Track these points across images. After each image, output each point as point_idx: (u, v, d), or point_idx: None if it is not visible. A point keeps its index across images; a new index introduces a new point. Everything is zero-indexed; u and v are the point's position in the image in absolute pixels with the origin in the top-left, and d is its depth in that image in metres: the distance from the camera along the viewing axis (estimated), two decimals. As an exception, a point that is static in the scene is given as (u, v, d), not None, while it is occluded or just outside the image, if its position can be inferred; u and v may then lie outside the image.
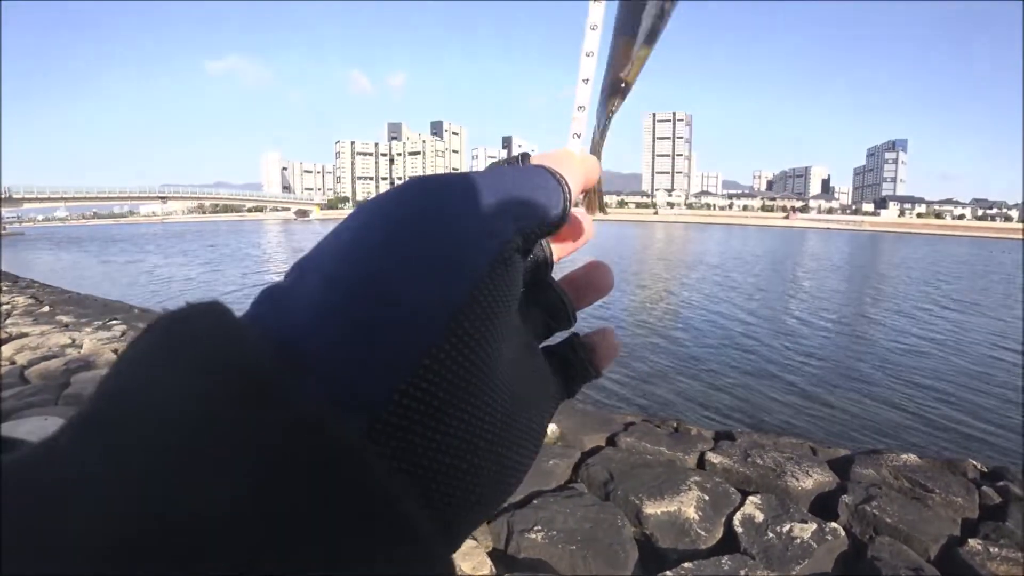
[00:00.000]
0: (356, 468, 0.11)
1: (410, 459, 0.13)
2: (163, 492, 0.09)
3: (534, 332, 0.21)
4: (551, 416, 0.20)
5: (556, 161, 0.19)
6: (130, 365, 0.11)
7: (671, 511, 2.20)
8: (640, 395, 4.84)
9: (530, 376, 0.18)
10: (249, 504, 0.09)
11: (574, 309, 0.22)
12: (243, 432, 0.10)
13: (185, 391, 0.10)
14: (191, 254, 23.40)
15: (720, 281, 14.22)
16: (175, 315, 0.12)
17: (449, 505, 0.13)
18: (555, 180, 0.18)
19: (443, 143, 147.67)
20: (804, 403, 4.78)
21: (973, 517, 2.31)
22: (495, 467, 0.15)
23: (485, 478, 0.14)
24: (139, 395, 0.11)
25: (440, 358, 0.13)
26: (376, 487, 0.11)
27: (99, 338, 5.29)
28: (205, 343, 0.11)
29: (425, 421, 0.13)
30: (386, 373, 0.12)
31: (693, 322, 8.48)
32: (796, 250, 30.06)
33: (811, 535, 2.04)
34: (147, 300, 9.91)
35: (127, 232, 53.88)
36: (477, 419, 0.14)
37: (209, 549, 0.09)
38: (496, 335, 0.15)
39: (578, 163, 0.20)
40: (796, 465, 2.59)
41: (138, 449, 0.10)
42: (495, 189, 0.16)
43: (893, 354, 6.76)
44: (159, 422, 0.10)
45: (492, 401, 0.15)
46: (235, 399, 0.10)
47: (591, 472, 2.53)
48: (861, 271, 19.38)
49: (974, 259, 27.64)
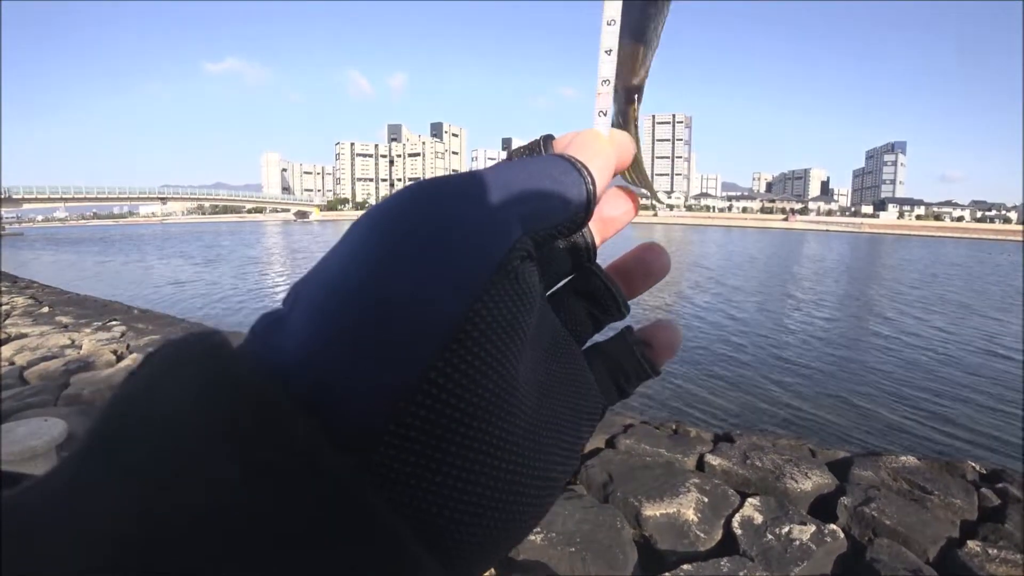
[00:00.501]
0: (353, 504, 0.10)
1: (411, 494, 0.12)
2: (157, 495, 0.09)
3: (578, 329, 0.19)
4: (592, 428, 0.18)
5: (581, 146, 0.17)
6: (130, 391, 0.11)
7: (670, 513, 2.20)
8: (639, 397, 4.84)
9: (561, 387, 0.17)
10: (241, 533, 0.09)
11: (624, 298, 0.20)
12: (234, 464, 0.10)
13: (176, 419, 0.10)
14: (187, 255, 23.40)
15: (719, 282, 14.23)
16: (174, 343, 0.12)
17: (457, 543, 0.12)
18: (576, 171, 0.16)
19: (443, 144, 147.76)
20: (803, 405, 4.78)
21: (972, 519, 2.31)
22: (512, 498, 0.13)
23: (500, 511, 0.13)
24: (135, 417, 0.11)
25: (438, 383, 0.12)
26: (375, 524, 0.10)
27: (98, 339, 5.29)
28: (200, 372, 0.11)
29: (426, 452, 0.12)
30: (379, 403, 0.12)
31: (692, 324, 8.48)
32: (795, 252, 30.10)
33: (810, 537, 2.04)
34: (148, 302, 9.92)
35: (127, 233, 53.85)
36: (487, 446, 0.13)
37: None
38: (507, 352, 0.13)
39: (606, 145, 0.18)
40: (795, 467, 2.60)
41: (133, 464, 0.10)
42: (502, 189, 0.14)
43: (891, 356, 6.77)
44: (152, 443, 0.10)
45: (505, 425, 0.13)
46: (225, 431, 0.10)
47: (590, 474, 2.54)
48: (859, 273, 19.40)
49: (971, 261, 27.67)
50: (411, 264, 0.12)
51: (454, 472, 0.12)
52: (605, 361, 0.19)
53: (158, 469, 0.10)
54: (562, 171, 0.16)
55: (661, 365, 0.20)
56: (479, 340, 0.13)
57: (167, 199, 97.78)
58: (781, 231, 70.93)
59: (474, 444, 0.12)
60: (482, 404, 0.13)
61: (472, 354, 0.12)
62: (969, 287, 15.38)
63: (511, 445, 0.13)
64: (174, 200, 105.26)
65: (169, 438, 0.10)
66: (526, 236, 0.14)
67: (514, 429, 0.13)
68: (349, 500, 0.10)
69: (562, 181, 0.16)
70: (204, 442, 0.10)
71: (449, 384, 0.12)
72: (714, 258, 23.47)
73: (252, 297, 11.30)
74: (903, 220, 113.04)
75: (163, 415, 0.10)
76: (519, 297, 0.14)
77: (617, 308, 0.20)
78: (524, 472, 0.14)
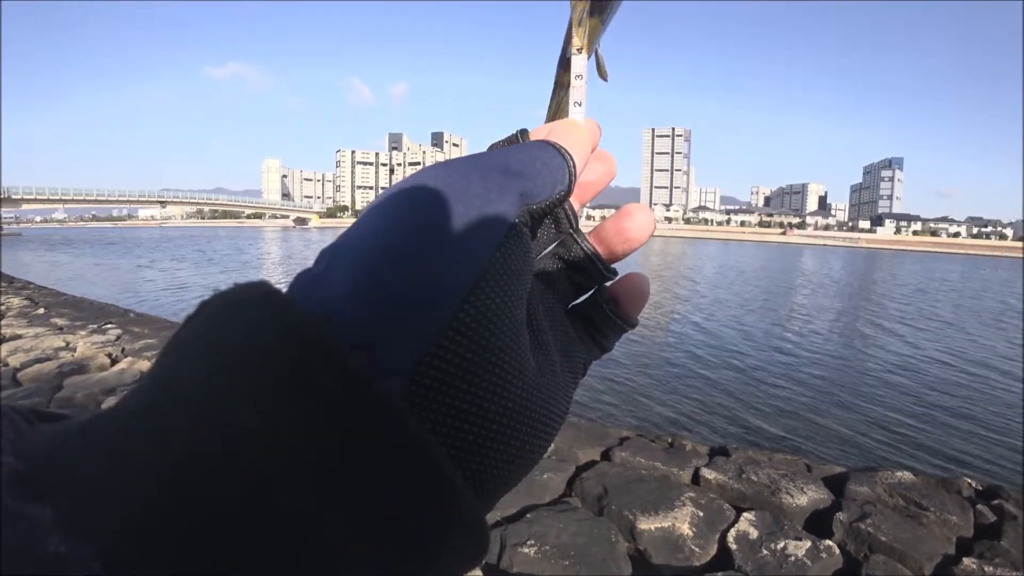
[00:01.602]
0: (401, 427, 0.12)
1: (442, 420, 0.13)
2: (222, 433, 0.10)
3: (562, 294, 0.21)
4: (577, 382, 0.20)
5: (562, 133, 0.19)
6: (189, 333, 0.12)
7: (665, 527, 2.19)
8: (635, 410, 4.82)
9: (553, 340, 0.19)
10: (301, 449, 0.11)
11: (604, 262, 0.21)
12: (299, 388, 0.11)
13: (242, 354, 0.11)
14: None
15: (716, 297, 14.26)
16: (226, 293, 0.13)
17: (481, 464, 0.14)
18: (560, 155, 0.18)
19: (443, 154, 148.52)
20: (799, 420, 4.77)
21: (968, 535, 2.30)
22: (523, 428, 0.15)
23: (514, 439, 0.15)
24: (197, 357, 0.12)
25: (463, 325, 0.14)
26: (416, 444, 0.12)
27: (93, 341, 5.26)
28: (258, 312, 0.12)
29: (455, 384, 0.13)
30: (416, 341, 0.13)
31: (688, 337, 8.49)
32: (792, 267, 30.19)
33: (805, 552, 2.02)
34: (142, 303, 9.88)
35: (125, 235, 53.78)
36: (504, 382, 0.15)
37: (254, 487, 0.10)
38: (512, 304, 0.15)
39: (583, 132, 0.20)
40: (791, 482, 2.59)
41: (195, 399, 0.11)
42: (505, 169, 0.17)
43: (887, 371, 6.77)
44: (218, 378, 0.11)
45: (516, 365, 0.15)
46: (289, 360, 0.11)
47: (585, 487, 2.52)
48: (856, 289, 19.45)
49: (968, 278, 27.78)
50: (438, 230, 0.14)
51: (477, 402, 0.14)
52: (583, 319, 0.21)
53: (223, 398, 0.11)
54: (550, 155, 0.18)
55: (634, 316, 0.22)
56: (492, 292, 0.15)
57: (167, 202, 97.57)
58: (779, 245, 71.25)
59: (496, 378, 0.14)
60: (502, 341, 0.15)
61: (487, 303, 0.14)
62: (963, 304, 15.42)
63: (524, 381, 0.15)
64: (174, 204, 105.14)
65: (235, 370, 0.11)
66: (524, 207, 0.17)
67: (525, 367, 0.16)
68: (397, 424, 0.12)
69: (550, 164, 0.18)
70: (268, 372, 0.11)
71: (473, 326, 0.14)
72: (711, 272, 23.52)
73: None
74: (900, 235, 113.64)
75: (226, 350, 0.11)
76: (523, 253, 0.16)
77: (599, 272, 0.21)
78: (534, 408, 0.16)
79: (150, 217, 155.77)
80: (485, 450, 0.14)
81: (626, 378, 5.67)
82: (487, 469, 0.14)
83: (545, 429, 0.16)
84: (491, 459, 0.14)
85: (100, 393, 3.50)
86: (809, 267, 29.95)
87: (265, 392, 0.11)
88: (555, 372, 0.18)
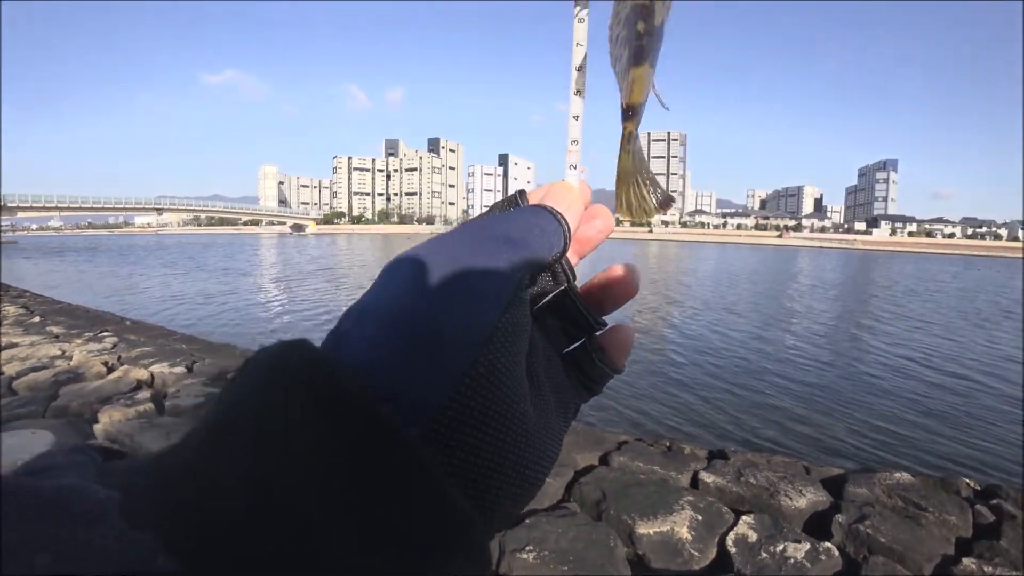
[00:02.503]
0: (420, 465, 0.14)
1: (456, 458, 0.16)
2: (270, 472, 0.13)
3: (555, 342, 0.23)
4: (569, 423, 0.22)
5: (556, 197, 0.22)
6: (238, 387, 0.14)
7: (664, 531, 2.18)
8: (633, 414, 4.82)
9: (549, 386, 0.21)
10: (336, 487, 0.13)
11: (594, 315, 0.23)
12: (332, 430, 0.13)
13: (286, 404, 0.14)
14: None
15: (714, 300, 14.28)
16: (270, 350, 0.15)
17: (488, 496, 0.16)
18: (556, 221, 0.20)
19: (440, 160, 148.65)
20: (797, 422, 4.77)
21: (967, 536, 2.30)
22: (522, 466, 0.17)
23: (514, 476, 0.17)
24: (246, 408, 0.14)
25: (476, 376, 0.16)
26: (431, 479, 0.14)
27: (89, 350, 5.23)
28: (300, 368, 0.14)
29: (467, 426, 0.16)
30: (434, 390, 0.15)
31: (686, 341, 8.49)
32: (789, 269, 30.28)
33: (805, 555, 2.02)
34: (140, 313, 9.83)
35: (119, 243, 53.60)
36: (507, 427, 0.17)
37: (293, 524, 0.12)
38: (516, 358, 0.18)
39: (576, 195, 0.22)
40: (789, 484, 2.58)
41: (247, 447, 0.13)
42: (506, 239, 0.19)
43: (885, 372, 6.79)
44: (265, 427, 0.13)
45: (518, 412, 0.17)
46: (324, 409, 0.14)
47: (584, 491, 2.51)
48: (852, 290, 19.51)
49: (963, 278, 27.89)
50: (453, 292, 0.17)
51: (486, 442, 0.16)
52: (574, 366, 0.23)
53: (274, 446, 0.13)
54: (547, 221, 0.20)
55: (620, 365, 0.24)
56: (500, 347, 0.17)
57: (163, 210, 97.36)
58: (775, 248, 71.31)
59: (501, 424, 0.16)
60: (507, 392, 0.17)
61: (497, 356, 0.17)
62: (960, 305, 15.48)
63: (524, 426, 0.17)
64: (170, 211, 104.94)
65: (281, 421, 0.13)
66: (526, 271, 0.19)
67: (526, 414, 0.18)
68: (419, 467, 0.14)
69: (546, 230, 0.20)
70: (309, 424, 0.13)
71: (484, 376, 0.16)
72: (708, 275, 23.56)
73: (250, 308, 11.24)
74: (895, 237, 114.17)
75: (271, 403, 0.14)
76: (524, 313, 0.19)
77: (589, 325, 0.23)
78: (531, 449, 0.18)
79: (146, 224, 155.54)
80: (490, 484, 0.16)
81: (623, 382, 5.67)
82: (491, 502, 0.16)
83: (541, 467, 0.18)
84: (495, 493, 0.16)
85: (96, 402, 3.48)
86: (805, 269, 30.04)
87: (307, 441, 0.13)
88: (550, 416, 0.20)
